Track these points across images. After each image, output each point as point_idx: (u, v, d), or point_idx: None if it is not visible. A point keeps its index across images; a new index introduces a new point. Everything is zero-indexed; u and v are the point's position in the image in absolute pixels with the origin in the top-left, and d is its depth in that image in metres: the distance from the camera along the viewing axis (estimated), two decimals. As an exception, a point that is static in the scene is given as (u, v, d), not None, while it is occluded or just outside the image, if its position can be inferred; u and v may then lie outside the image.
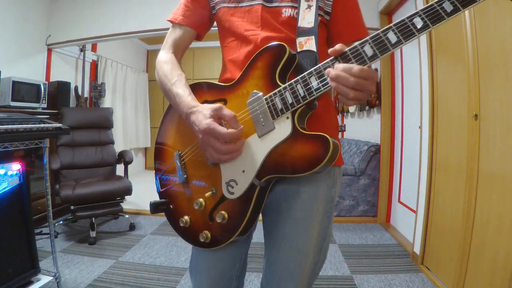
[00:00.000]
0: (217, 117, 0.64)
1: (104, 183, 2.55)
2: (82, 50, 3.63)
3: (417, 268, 2.01)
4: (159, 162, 0.83)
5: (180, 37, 0.82)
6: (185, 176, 0.75)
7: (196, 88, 0.75)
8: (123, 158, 2.92)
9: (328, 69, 0.58)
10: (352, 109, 3.81)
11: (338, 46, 0.57)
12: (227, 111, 0.64)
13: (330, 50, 0.58)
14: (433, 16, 0.51)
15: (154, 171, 0.85)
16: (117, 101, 4.48)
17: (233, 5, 0.76)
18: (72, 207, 2.38)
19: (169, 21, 0.82)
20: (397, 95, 2.88)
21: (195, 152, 0.74)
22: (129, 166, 2.94)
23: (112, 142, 3.17)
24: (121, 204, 2.63)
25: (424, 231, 1.99)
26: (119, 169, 3.06)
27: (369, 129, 3.46)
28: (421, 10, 0.52)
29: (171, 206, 0.79)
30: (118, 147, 3.76)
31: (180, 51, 0.83)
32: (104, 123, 3.14)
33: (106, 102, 4.10)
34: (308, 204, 0.71)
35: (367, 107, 3.35)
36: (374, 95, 3.09)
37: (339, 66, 0.56)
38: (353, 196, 3.05)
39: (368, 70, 0.56)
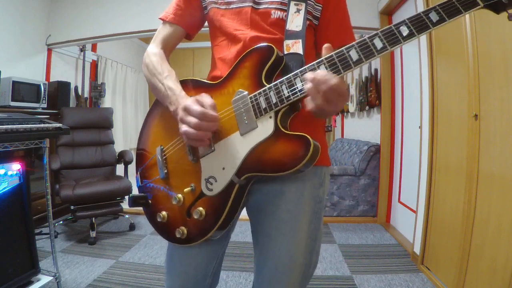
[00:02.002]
0: (200, 103, 0.64)
1: (104, 183, 2.55)
2: (82, 50, 3.63)
3: (417, 268, 2.01)
4: (141, 156, 0.83)
5: (170, 35, 0.83)
6: (166, 171, 0.76)
7: (185, 84, 0.75)
8: (123, 158, 2.92)
9: (308, 73, 0.58)
10: (352, 109, 3.81)
11: (325, 49, 0.58)
12: (206, 99, 0.64)
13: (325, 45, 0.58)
14: (419, 25, 0.53)
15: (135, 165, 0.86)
16: (117, 101, 4.48)
17: (223, 6, 0.77)
18: (72, 207, 2.38)
19: (160, 19, 0.84)
20: (397, 95, 2.88)
21: (177, 148, 0.74)
22: (129, 166, 2.93)
23: (112, 142, 3.16)
24: (121, 204, 2.63)
25: (424, 231, 1.99)
26: (119, 169, 3.06)
27: (369, 129, 3.46)
28: (408, 19, 0.53)
29: (150, 201, 0.79)
30: (118, 147, 3.76)
31: (168, 48, 0.84)
32: (104, 123, 3.13)
33: (106, 102, 4.09)
34: (293, 205, 0.71)
35: (367, 107, 3.35)
36: (374, 95, 3.09)
37: (320, 73, 0.56)
38: (353, 196, 3.05)
39: (344, 89, 0.56)
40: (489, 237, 1.38)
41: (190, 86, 0.75)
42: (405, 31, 0.53)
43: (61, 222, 2.74)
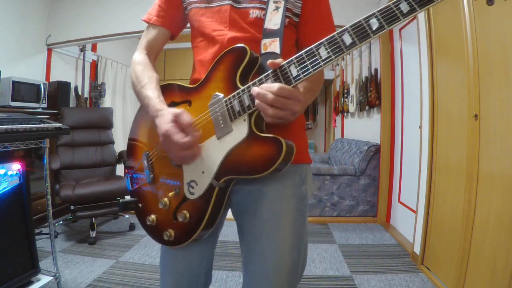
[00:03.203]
0: (179, 122, 0.65)
1: (104, 183, 2.55)
2: (82, 50, 3.63)
3: (417, 268, 2.01)
4: (130, 161, 0.85)
5: (154, 37, 0.83)
6: (152, 176, 0.77)
7: (166, 89, 0.76)
8: (123, 158, 2.92)
9: (253, 87, 0.60)
10: (352, 109, 3.81)
11: (278, 61, 0.59)
12: (185, 118, 0.65)
13: (269, 61, 0.59)
14: (389, 17, 0.51)
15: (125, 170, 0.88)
16: (117, 101, 4.47)
17: (203, 5, 0.77)
18: (72, 207, 2.38)
19: (144, 21, 0.84)
20: (397, 95, 2.88)
21: (162, 153, 0.75)
22: (129, 166, 2.94)
23: (112, 142, 3.17)
24: (121, 204, 2.63)
25: (424, 231, 1.99)
26: (119, 169, 3.06)
27: (369, 129, 3.46)
28: (378, 11, 0.51)
29: (139, 205, 0.81)
30: (118, 147, 3.76)
31: (153, 51, 0.84)
32: (104, 123, 3.14)
33: (106, 102, 4.09)
34: (275, 204, 0.71)
35: (367, 107, 3.35)
36: (374, 95, 3.09)
37: (263, 85, 0.59)
38: (353, 196, 3.05)
39: (291, 90, 0.57)
40: (489, 237, 1.38)
41: (174, 89, 0.77)
42: (375, 24, 0.52)
43: (61, 222, 2.74)
